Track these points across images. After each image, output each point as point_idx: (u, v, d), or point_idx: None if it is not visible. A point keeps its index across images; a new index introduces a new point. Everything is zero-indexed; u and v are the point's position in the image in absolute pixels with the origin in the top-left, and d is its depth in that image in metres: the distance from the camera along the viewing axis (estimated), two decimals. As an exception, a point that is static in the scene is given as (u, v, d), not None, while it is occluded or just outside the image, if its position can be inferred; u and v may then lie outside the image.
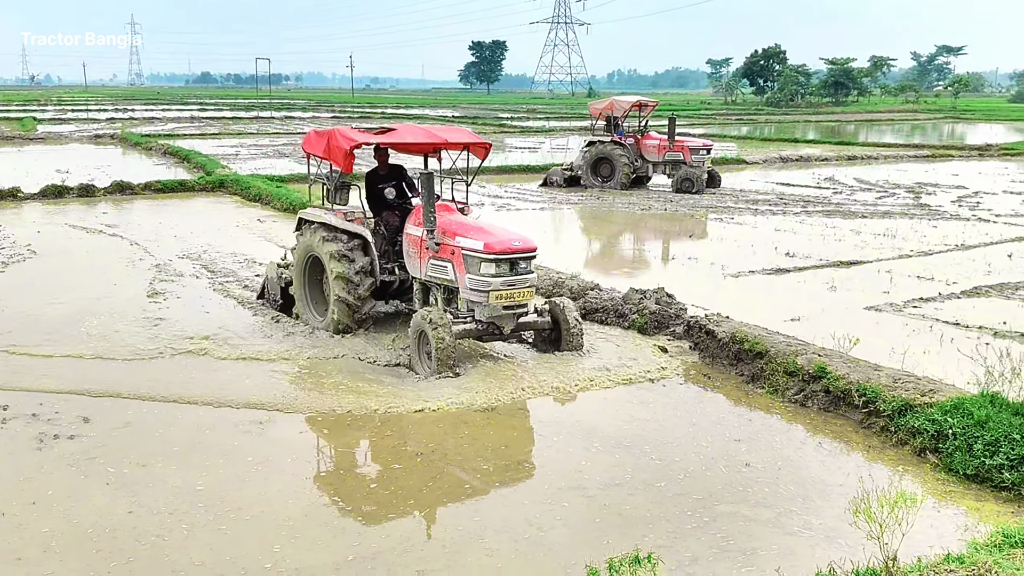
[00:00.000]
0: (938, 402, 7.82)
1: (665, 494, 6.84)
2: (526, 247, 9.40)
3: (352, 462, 7.78)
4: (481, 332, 9.60)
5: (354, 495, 6.85)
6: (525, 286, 9.45)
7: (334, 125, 11.35)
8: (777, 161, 34.30)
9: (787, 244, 16.87)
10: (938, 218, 20.38)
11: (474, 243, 9.29)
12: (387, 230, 10.67)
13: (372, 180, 11.00)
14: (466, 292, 9.47)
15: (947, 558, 4.84)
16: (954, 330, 11.02)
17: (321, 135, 10.62)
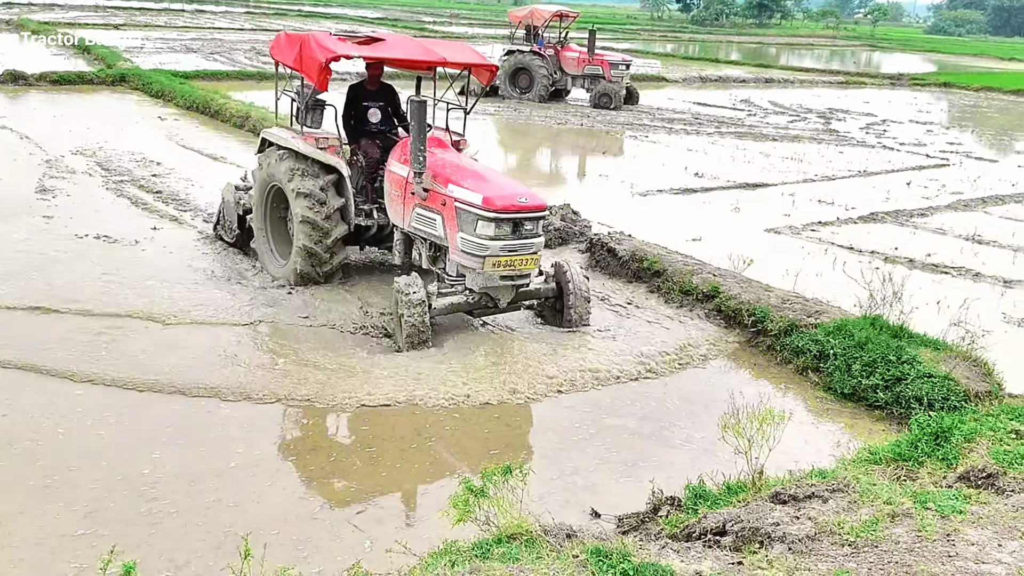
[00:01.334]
0: (822, 323, 8.10)
1: (559, 405, 6.97)
2: (534, 204, 7.65)
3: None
4: (472, 305, 7.96)
5: (242, 406, 6.78)
6: (529, 252, 7.71)
7: (308, 29, 9.67)
8: (697, 80, 34.43)
9: (697, 164, 17.05)
10: (845, 144, 20.83)
11: (471, 195, 7.57)
12: (365, 162, 8.99)
13: (355, 96, 9.26)
14: (457, 254, 7.78)
15: (811, 472, 5.06)
16: (847, 254, 11.36)
17: (292, 40, 8.81)
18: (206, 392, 6.77)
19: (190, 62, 28.35)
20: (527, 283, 8.05)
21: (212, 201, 12.17)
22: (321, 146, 8.75)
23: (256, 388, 6.86)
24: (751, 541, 4.00)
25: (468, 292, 7.88)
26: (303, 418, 6.60)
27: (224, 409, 6.58)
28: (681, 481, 5.62)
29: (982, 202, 15.02)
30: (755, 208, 13.80)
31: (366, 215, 8.92)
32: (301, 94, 9.00)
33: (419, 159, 7.83)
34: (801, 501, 4.51)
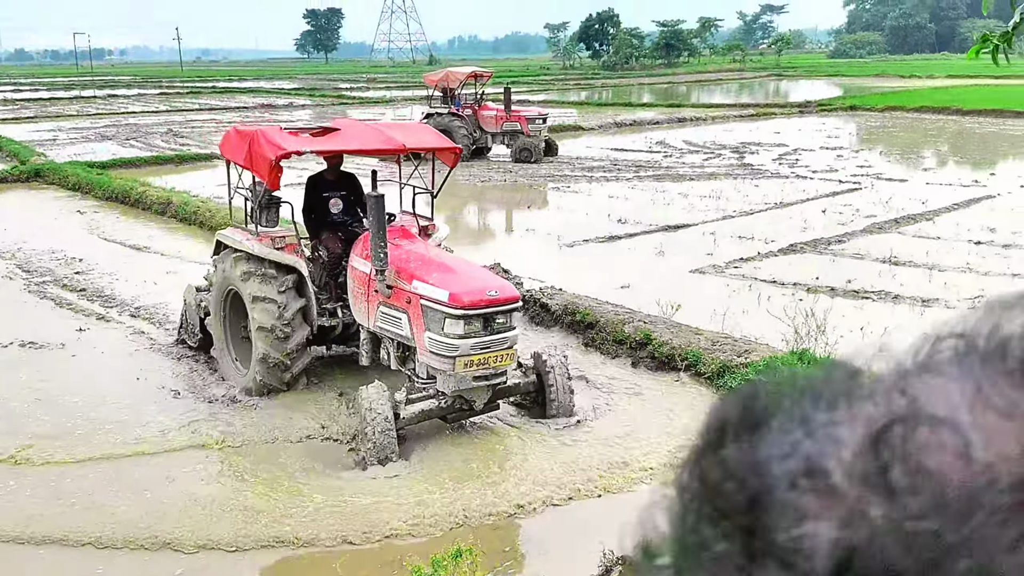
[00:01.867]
0: (752, 362, 8.34)
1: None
2: (505, 297, 7.23)
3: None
4: (445, 410, 7.44)
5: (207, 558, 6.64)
6: (504, 348, 7.24)
7: (258, 124, 9.46)
8: (612, 126, 35.16)
9: (620, 211, 17.40)
10: (760, 177, 21.47)
11: (436, 291, 7.13)
12: (328, 257, 8.57)
13: (315, 187, 8.84)
14: (425, 356, 7.26)
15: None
16: (771, 288, 11.70)
17: (242, 136, 8.34)
18: (156, 544, 6.05)
19: (106, 150, 28.08)
20: (504, 380, 7.54)
21: (138, 295, 12.05)
22: (278, 246, 8.31)
23: (222, 535, 6.11)
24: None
25: (440, 396, 7.35)
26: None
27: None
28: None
29: (895, 223, 15.61)
30: (679, 250, 14.13)
31: (330, 314, 8.44)
32: (254, 192, 8.59)
33: (380, 255, 7.41)
34: None
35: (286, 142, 7.91)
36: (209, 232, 16.26)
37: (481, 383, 7.26)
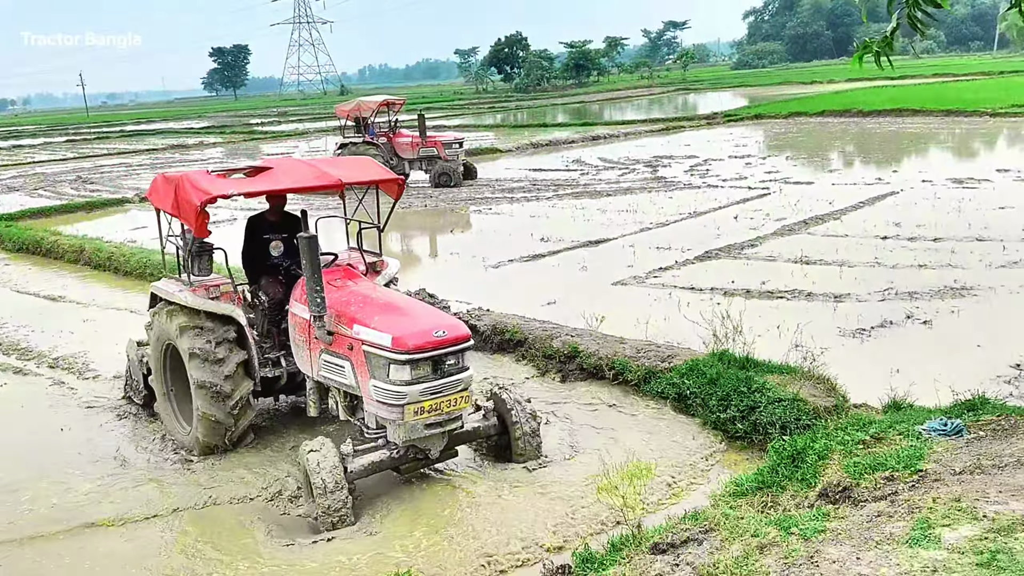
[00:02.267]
0: (676, 366, 8.53)
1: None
2: (455, 336, 6.69)
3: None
4: (398, 461, 6.92)
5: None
6: (457, 391, 6.75)
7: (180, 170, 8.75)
8: (529, 147, 35.54)
9: (542, 229, 17.59)
10: (673, 189, 21.93)
11: (378, 335, 6.62)
12: (268, 303, 8.15)
13: (255, 229, 8.40)
14: (372, 405, 6.80)
15: (684, 517, 5.32)
16: (689, 294, 11.97)
17: (169, 182, 7.87)
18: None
19: (14, 201, 27.33)
20: (460, 425, 7.07)
21: (56, 345, 11.74)
22: (212, 295, 7.90)
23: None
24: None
25: (390, 446, 6.88)
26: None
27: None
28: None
29: (805, 224, 16.12)
30: (600, 263, 14.35)
31: (273, 364, 8.03)
32: (184, 240, 8.16)
33: (316, 300, 6.94)
34: (678, 547, 4.75)
35: (212, 186, 7.43)
36: (124, 277, 15.99)
37: (434, 431, 6.78)
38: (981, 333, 9.63)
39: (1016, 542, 3.89)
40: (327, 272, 7.48)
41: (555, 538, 6.04)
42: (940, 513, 4.34)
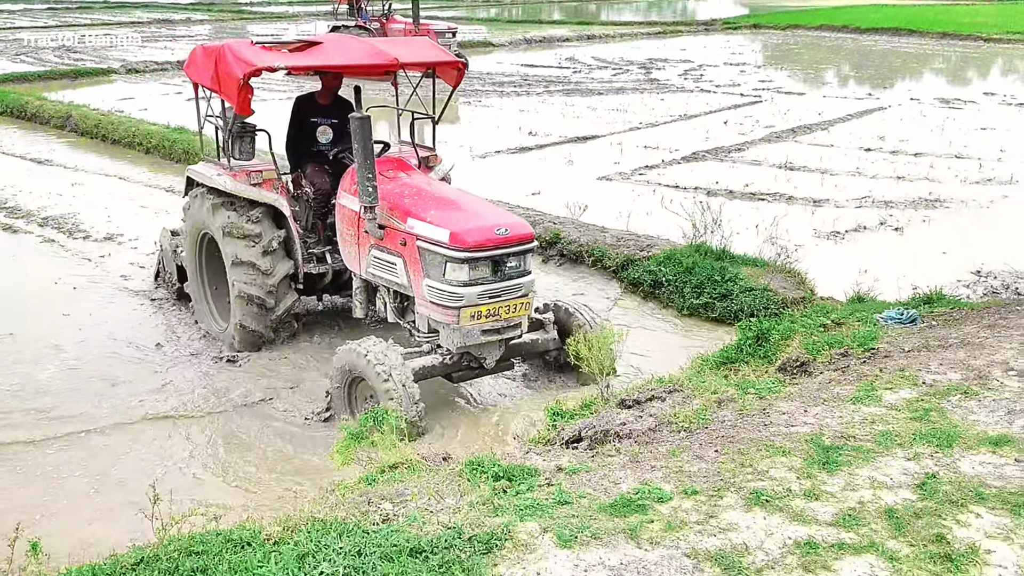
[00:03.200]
0: (654, 255, 8.85)
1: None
2: (518, 235, 6.16)
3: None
4: (450, 368, 6.33)
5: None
6: (517, 296, 6.22)
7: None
8: (523, 43, 35.06)
9: (530, 124, 17.65)
10: (666, 91, 21.93)
11: (436, 230, 6.09)
12: (314, 194, 7.44)
13: (302, 110, 7.65)
14: (425, 306, 6.27)
15: (651, 380, 5.69)
16: (673, 192, 12.22)
17: (208, 54, 7.20)
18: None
19: (-5, 66, 26.86)
20: (519, 334, 6.45)
21: (44, 205, 11.88)
22: (254, 181, 7.22)
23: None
24: (603, 442, 4.57)
25: (443, 353, 6.30)
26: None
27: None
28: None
29: (792, 132, 16.30)
30: (587, 159, 14.52)
31: (318, 260, 7.40)
32: (225, 120, 7.41)
33: (368, 189, 6.28)
34: (644, 404, 5.13)
35: (256, 57, 6.74)
36: (112, 145, 15.99)
37: (492, 337, 6.22)
38: (948, 241, 9.98)
39: (948, 403, 4.28)
40: (378, 162, 6.67)
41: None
42: (884, 380, 4.72)
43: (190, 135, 14.75)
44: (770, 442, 3.98)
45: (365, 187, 6.27)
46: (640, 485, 3.63)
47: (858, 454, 3.77)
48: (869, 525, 3.21)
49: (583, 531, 3.22)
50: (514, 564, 3.04)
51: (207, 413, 6.44)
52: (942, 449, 3.77)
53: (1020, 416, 4.07)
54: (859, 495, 3.43)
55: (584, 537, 3.18)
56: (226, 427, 6.26)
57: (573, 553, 3.09)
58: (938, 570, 2.95)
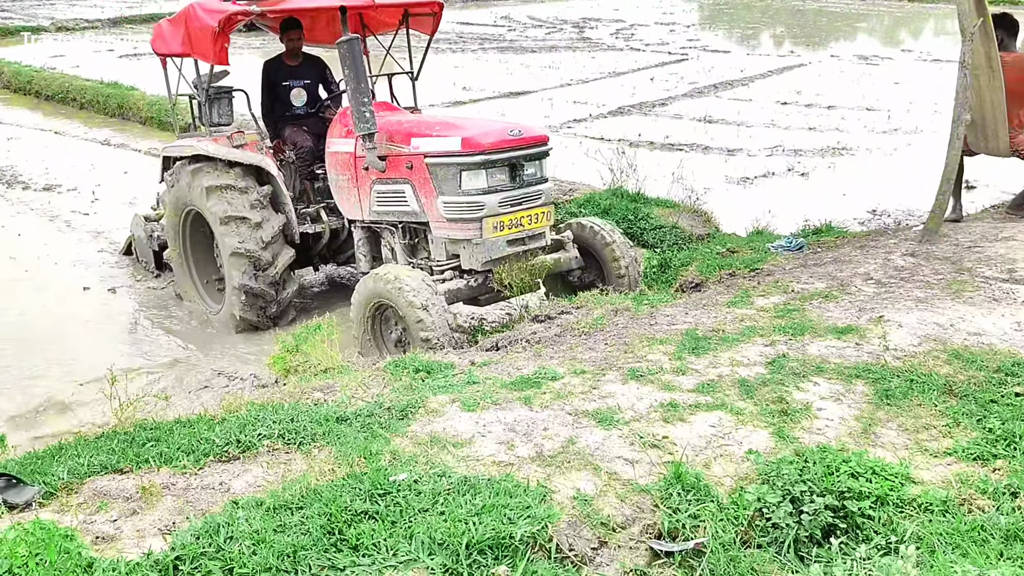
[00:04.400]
0: (575, 198, 9.44)
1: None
2: (533, 137, 6.04)
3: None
4: (476, 291, 6.14)
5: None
6: (539, 203, 6.08)
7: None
8: (458, 1, 35.24)
9: (464, 79, 18.06)
10: (597, 50, 22.47)
11: (445, 141, 5.89)
12: (296, 156, 7.20)
13: (272, 75, 7.40)
14: (442, 227, 6.02)
15: (563, 300, 6.27)
16: (598, 144, 12.74)
17: (175, 23, 7.02)
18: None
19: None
20: (544, 244, 6.25)
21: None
22: (236, 143, 6.92)
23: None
24: (514, 345, 5.15)
25: (468, 274, 6.11)
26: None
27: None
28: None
29: (714, 88, 16.98)
30: (518, 113, 14.99)
31: (312, 220, 7.14)
32: (199, 87, 7.14)
33: (364, 116, 5.88)
34: (553, 318, 5.72)
35: (227, 6, 6.59)
36: (46, 101, 16.04)
37: (517, 247, 6.01)
38: (850, 184, 10.73)
39: (810, 305, 4.94)
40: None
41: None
42: (759, 290, 5.38)
43: (124, 89, 14.92)
44: (651, 336, 4.60)
45: (361, 113, 5.88)
46: (538, 368, 4.22)
47: (724, 342, 4.40)
48: (724, 392, 3.85)
49: (485, 399, 3.80)
50: (425, 424, 3.60)
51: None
52: (795, 337, 4.42)
53: (868, 312, 4.75)
54: (719, 371, 4.06)
55: (485, 404, 3.76)
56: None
57: (475, 415, 3.66)
58: (775, 422, 3.59)
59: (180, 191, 7.16)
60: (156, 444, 3.48)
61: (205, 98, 7.06)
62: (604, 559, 2.85)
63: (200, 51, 6.74)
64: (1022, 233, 6.20)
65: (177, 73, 7.29)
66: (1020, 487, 3.01)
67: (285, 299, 6.95)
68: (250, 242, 6.64)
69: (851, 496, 2.99)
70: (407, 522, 2.79)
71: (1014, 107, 6.36)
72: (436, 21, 7.34)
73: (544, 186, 6.14)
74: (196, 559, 2.60)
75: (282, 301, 6.92)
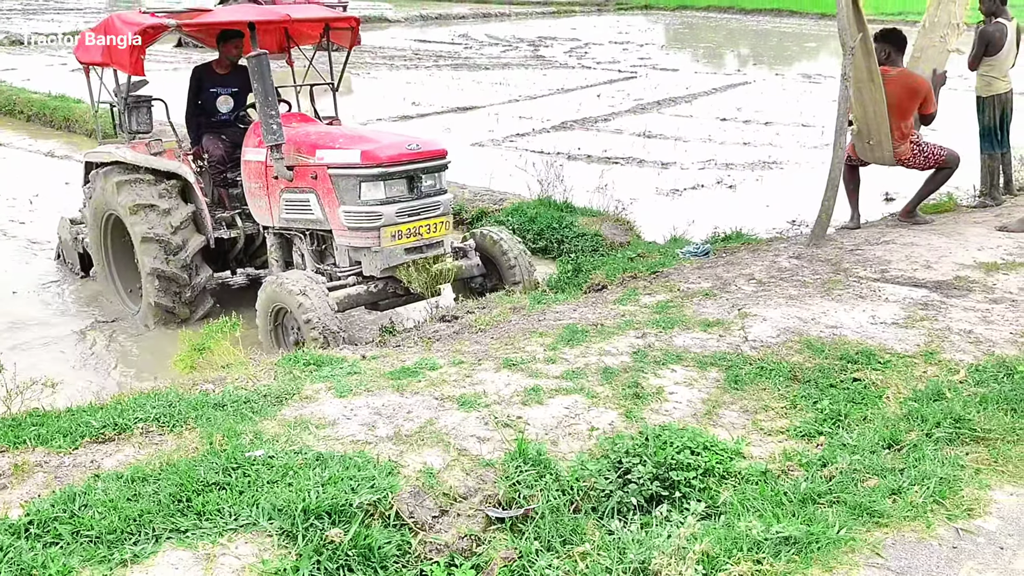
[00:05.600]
0: (504, 207, 9.70)
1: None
2: (430, 151, 6.36)
3: None
4: (376, 296, 6.42)
5: None
6: (436, 214, 6.38)
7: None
8: (419, 20, 35.62)
9: (415, 95, 18.33)
10: (549, 67, 22.84)
11: (345, 154, 6.19)
12: (209, 163, 7.39)
13: (201, 80, 7.58)
14: (343, 235, 6.33)
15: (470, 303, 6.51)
16: (537, 157, 12.99)
17: (97, 31, 7.16)
18: None
19: None
20: (442, 252, 6.53)
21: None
22: (154, 151, 7.19)
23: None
24: (408, 341, 5.37)
25: (367, 281, 6.38)
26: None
27: None
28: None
29: (657, 104, 17.37)
30: (464, 128, 15.29)
31: (227, 225, 7.32)
32: (118, 95, 7.35)
33: (272, 127, 6.19)
34: (459, 318, 5.94)
35: (145, 19, 6.83)
36: None
37: (414, 256, 6.32)
38: (775, 197, 11.08)
39: (690, 303, 5.21)
40: (283, 117, 6.62)
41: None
42: (648, 289, 5.65)
43: (71, 102, 15.00)
44: (535, 330, 4.84)
45: (269, 125, 6.18)
46: (420, 359, 4.44)
47: (599, 335, 4.65)
48: (586, 378, 4.09)
49: (359, 387, 4.01)
50: (296, 409, 3.80)
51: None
52: (665, 330, 4.68)
53: (741, 309, 5.02)
54: (587, 360, 4.30)
55: (358, 391, 3.97)
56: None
57: (346, 400, 3.87)
58: (627, 404, 3.83)
59: (98, 196, 7.43)
60: (38, 428, 3.65)
61: (124, 106, 7.29)
62: (443, 526, 3.06)
63: (118, 61, 6.93)
64: (903, 237, 6.54)
65: (99, 81, 7.51)
66: (830, 459, 3.28)
67: (199, 284, 7.16)
68: (159, 227, 6.90)
69: (677, 467, 3.23)
70: (255, 492, 2.98)
71: (897, 119, 6.70)
72: (354, 35, 7.68)
73: (442, 197, 6.47)
74: (48, 523, 2.78)
75: (196, 286, 7.13)
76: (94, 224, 7.67)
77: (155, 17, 6.89)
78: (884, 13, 31.00)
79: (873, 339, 4.49)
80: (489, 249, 6.98)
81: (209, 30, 7.54)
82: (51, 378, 4.13)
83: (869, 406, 3.77)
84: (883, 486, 3.10)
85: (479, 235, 7.08)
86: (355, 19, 7.66)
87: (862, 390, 3.92)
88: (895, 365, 4.16)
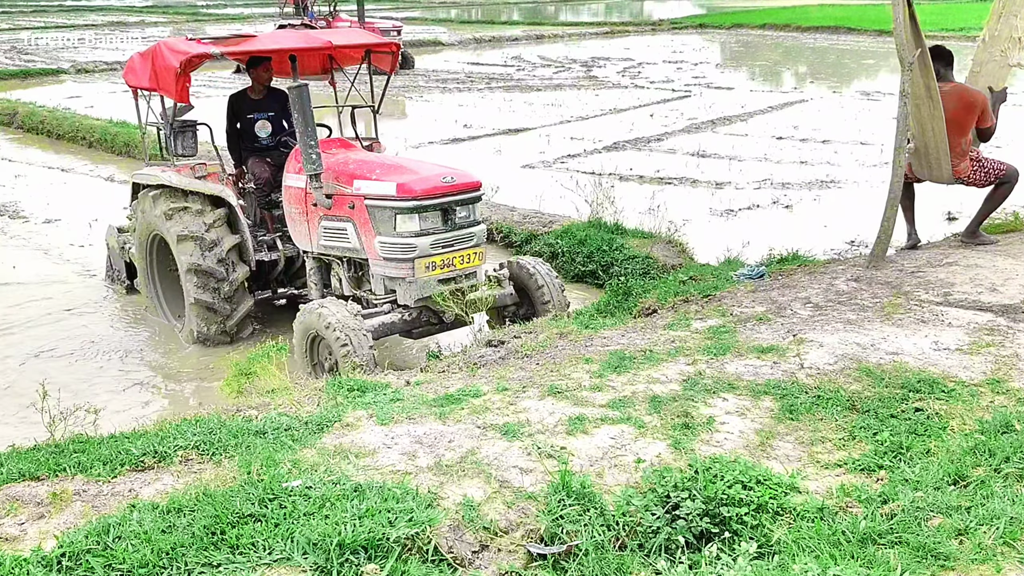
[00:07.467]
0: (553, 230, 9.61)
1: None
2: (465, 183, 6.40)
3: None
4: (410, 324, 6.54)
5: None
6: (469, 245, 6.49)
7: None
8: (472, 43, 35.83)
9: (467, 117, 18.38)
10: (601, 88, 22.76)
11: (382, 186, 6.27)
12: (256, 186, 7.55)
13: (238, 107, 7.76)
14: (379, 265, 6.44)
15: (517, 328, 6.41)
16: (589, 178, 12.93)
17: (145, 56, 7.34)
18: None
19: (-56, 66, 27.08)
20: (475, 283, 6.61)
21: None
22: (199, 175, 7.38)
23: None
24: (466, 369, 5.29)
25: (402, 309, 6.48)
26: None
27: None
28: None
29: (711, 123, 17.16)
30: (515, 149, 15.27)
31: (269, 248, 7.49)
32: (165, 117, 7.55)
33: (312, 157, 6.36)
34: (507, 343, 5.85)
35: (191, 47, 6.96)
36: (56, 141, 16.49)
37: (448, 287, 6.43)
38: (833, 217, 10.82)
39: (743, 327, 5.05)
40: (322, 143, 6.79)
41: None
42: (700, 314, 5.50)
43: (131, 128, 15.29)
44: (582, 356, 4.73)
45: (308, 155, 6.37)
46: (464, 387, 4.35)
47: (648, 362, 4.52)
48: (633, 407, 3.96)
49: (401, 414, 3.94)
50: (337, 437, 3.74)
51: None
52: (717, 357, 4.53)
53: (788, 335, 4.84)
54: (634, 388, 4.17)
55: (400, 418, 3.90)
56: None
57: (387, 428, 3.80)
58: (676, 435, 3.69)
59: (145, 216, 7.63)
60: (79, 455, 3.64)
61: (170, 131, 7.46)
62: (483, 562, 2.96)
63: (164, 87, 7.08)
64: (967, 258, 6.29)
65: (146, 105, 7.72)
66: (891, 495, 3.10)
67: (240, 315, 7.32)
68: (205, 259, 7.06)
69: (728, 503, 3.09)
70: (290, 524, 2.92)
71: (954, 135, 6.47)
72: (395, 60, 7.85)
73: (476, 228, 6.55)
74: (80, 556, 2.74)
75: (237, 317, 7.30)
76: (140, 244, 7.91)
77: (201, 44, 7.05)
78: (945, 29, 30.30)
79: (936, 366, 4.29)
80: (523, 280, 7.03)
81: (249, 56, 7.67)
82: (94, 405, 4.11)
83: (932, 438, 3.58)
84: (948, 526, 2.91)
85: (514, 265, 7.13)
86: (396, 44, 7.86)
87: (925, 421, 3.74)
88: (960, 394, 3.96)
